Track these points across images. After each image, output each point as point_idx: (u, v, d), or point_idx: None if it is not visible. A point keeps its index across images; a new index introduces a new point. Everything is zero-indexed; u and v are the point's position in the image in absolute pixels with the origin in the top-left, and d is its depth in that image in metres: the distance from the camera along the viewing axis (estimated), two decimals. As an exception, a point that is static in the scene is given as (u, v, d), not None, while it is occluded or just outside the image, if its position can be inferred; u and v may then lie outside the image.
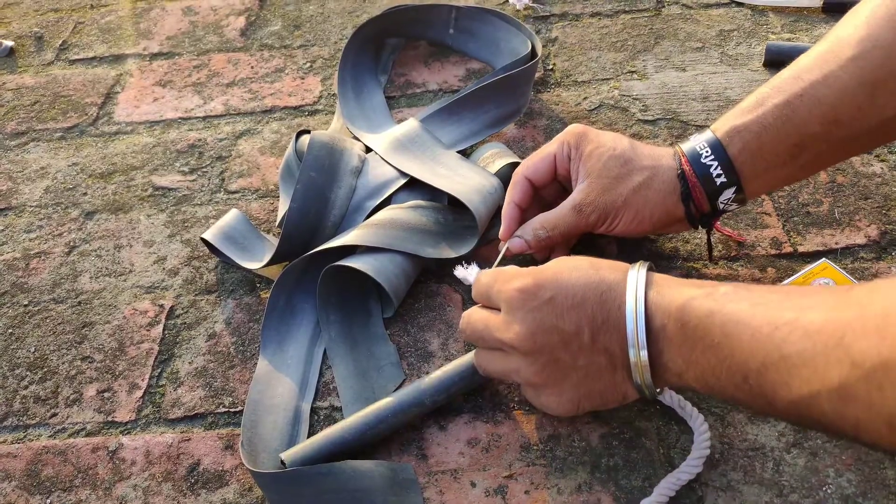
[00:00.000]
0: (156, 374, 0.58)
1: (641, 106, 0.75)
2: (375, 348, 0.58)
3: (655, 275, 0.46)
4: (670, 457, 0.50)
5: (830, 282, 0.56)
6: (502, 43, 0.81)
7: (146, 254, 0.68)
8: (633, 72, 0.79)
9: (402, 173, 0.67)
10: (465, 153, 0.71)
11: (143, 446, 0.54)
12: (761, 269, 0.60)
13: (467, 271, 0.58)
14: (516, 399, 0.54)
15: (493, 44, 0.82)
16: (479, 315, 0.50)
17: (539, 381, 0.48)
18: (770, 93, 0.52)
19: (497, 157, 0.67)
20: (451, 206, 0.65)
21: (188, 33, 0.93)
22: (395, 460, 0.51)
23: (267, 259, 0.62)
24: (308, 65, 0.86)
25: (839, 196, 0.65)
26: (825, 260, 0.58)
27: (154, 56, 0.90)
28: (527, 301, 0.46)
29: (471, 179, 0.65)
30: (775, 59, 0.76)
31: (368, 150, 0.71)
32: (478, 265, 0.57)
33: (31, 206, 0.74)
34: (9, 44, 0.94)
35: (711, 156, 0.53)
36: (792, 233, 0.62)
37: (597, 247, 0.63)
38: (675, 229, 0.58)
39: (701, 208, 0.54)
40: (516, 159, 0.66)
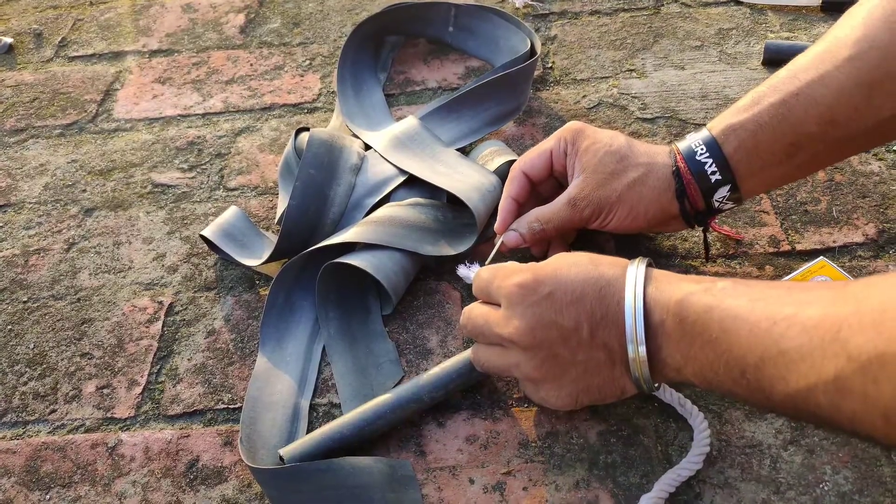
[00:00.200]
0: (155, 370, 0.59)
1: (640, 104, 0.75)
2: (374, 345, 0.58)
3: (654, 270, 0.46)
4: (668, 454, 0.50)
5: (828, 280, 0.56)
6: (501, 41, 0.81)
7: (145, 251, 0.68)
8: (632, 70, 0.79)
9: (402, 171, 0.67)
10: (465, 151, 0.71)
11: (142, 442, 0.54)
12: (759, 267, 0.60)
13: (469, 270, 0.58)
14: (515, 396, 0.54)
15: (493, 42, 0.82)
16: (479, 310, 0.50)
17: (538, 376, 0.48)
18: (766, 92, 0.52)
19: (496, 155, 0.67)
20: (450, 203, 0.65)
21: (187, 30, 0.93)
22: (393, 457, 0.51)
23: (266, 256, 0.62)
24: (307, 62, 0.86)
25: (837, 194, 0.65)
26: (823, 258, 0.58)
27: (153, 53, 0.90)
28: (526, 296, 0.47)
29: (470, 177, 0.65)
30: (774, 57, 0.76)
31: (368, 147, 0.71)
32: (480, 264, 0.58)
33: (30, 202, 0.74)
34: (8, 40, 0.93)
35: (706, 153, 0.53)
36: (790, 231, 0.62)
37: (595, 244, 0.63)
38: (671, 227, 0.58)
39: (696, 206, 0.55)
40: (515, 157, 0.66)
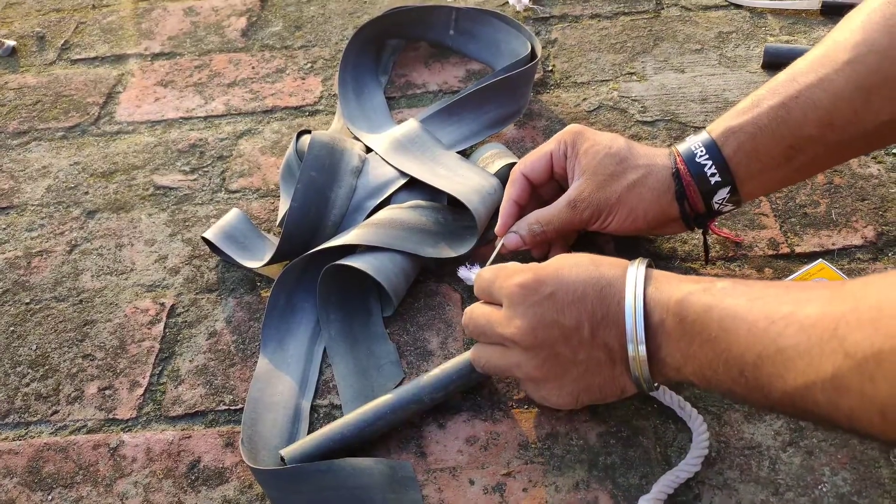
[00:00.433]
0: (157, 371, 0.59)
1: (640, 107, 0.76)
2: (375, 347, 0.58)
3: (654, 271, 0.46)
4: (667, 455, 0.50)
5: (826, 282, 0.56)
6: (502, 44, 0.81)
7: (147, 252, 0.68)
8: (632, 73, 0.80)
9: (402, 173, 0.67)
10: (465, 154, 0.71)
11: (143, 443, 0.54)
12: (758, 269, 0.60)
13: (470, 272, 0.58)
14: (515, 398, 0.54)
15: (493, 45, 0.82)
16: (480, 310, 0.51)
17: (539, 376, 0.48)
18: (765, 95, 0.52)
19: (496, 158, 0.67)
20: (450, 206, 0.65)
21: (189, 33, 0.94)
22: (394, 458, 0.52)
23: (267, 258, 0.62)
24: (309, 65, 0.87)
25: (836, 197, 0.65)
26: (822, 261, 0.58)
27: (155, 56, 0.91)
28: (528, 296, 0.47)
29: (470, 180, 0.65)
30: (774, 61, 0.77)
31: (369, 150, 0.71)
32: (480, 266, 0.58)
33: (32, 204, 0.74)
34: (11, 43, 0.94)
35: (706, 155, 0.53)
36: (789, 233, 0.63)
37: (595, 246, 0.63)
38: (671, 230, 0.59)
39: (696, 208, 0.55)
40: (516, 160, 0.67)
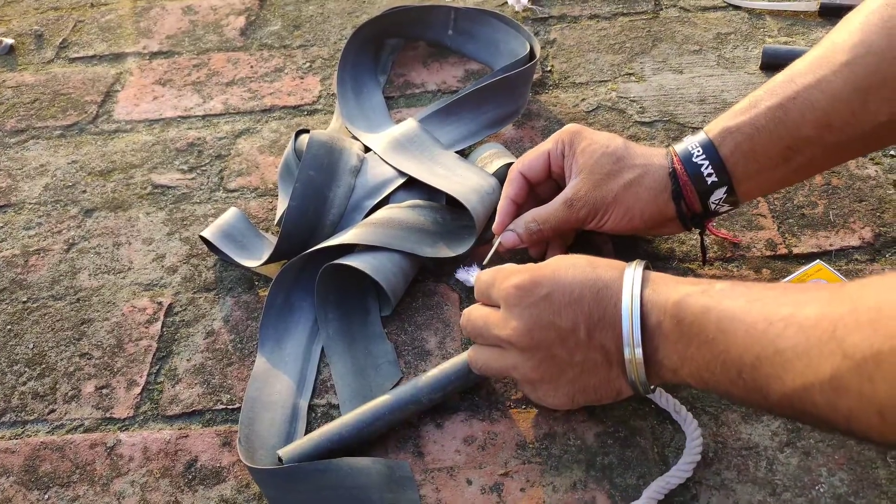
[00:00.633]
0: (154, 370, 0.59)
1: (639, 108, 0.76)
2: (373, 346, 0.58)
3: (652, 273, 0.46)
4: (664, 455, 0.50)
5: (824, 283, 0.56)
6: (501, 44, 0.81)
7: (145, 251, 0.68)
8: (630, 74, 0.80)
9: (401, 173, 0.67)
10: (464, 153, 0.71)
11: (140, 442, 0.54)
12: (756, 270, 0.60)
13: (468, 273, 0.58)
14: (512, 398, 0.54)
15: (492, 45, 0.82)
16: (478, 312, 0.51)
17: (536, 377, 0.48)
18: (763, 95, 0.52)
19: (495, 158, 0.67)
20: (449, 205, 0.65)
21: (188, 32, 0.94)
22: (391, 457, 0.52)
23: (265, 257, 0.62)
24: (307, 65, 0.86)
25: (834, 198, 0.65)
26: (819, 261, 0.58)
27: (154, 55, 0.91)
28: (524, 297, 0.47)
29: (469, 179, 0.65)
30: (772, 62, 0.77)
31: (367, 149, 0.71)
32: (479, 266, 0.58)
33: (30, 203, 0.74)
34: (9, 41, 0.94)
35: (703, 155, 0.53)
36: (787, 234, 0.63)
37: (593, 246, 0.63)
38: (668, 230, 0.59)
39: (692, 207, 0.55)
40: (514, 159, 0.67)
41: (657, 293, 0.44)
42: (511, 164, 0.66)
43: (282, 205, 0.68)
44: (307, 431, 0.54)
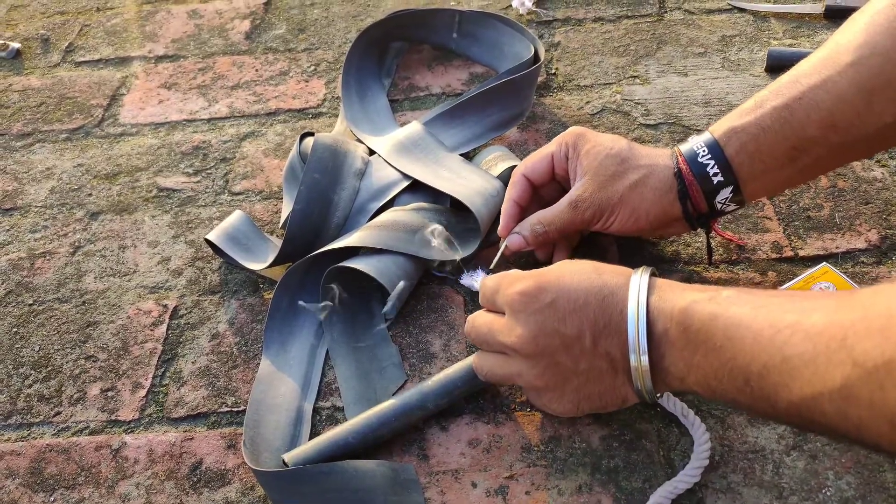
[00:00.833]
0: (159, 373, 0.59)
1: (643, 110, 0.75)
2: (377, 349, 0.58)
3: (658, 279, 0.46)
4: (670, 458, 0.50)
5: (831, 286, 0.56)
6: (505, 47, 0.81)
7: (150, 254, 0.68)
8: (635, 76, 0.80)
9: (405, 176, 0.67)
10: (468, 156, 0.71)
11: (146, 445, 0.54)
12: (762, 272, 0.60)
13: (473, 278, 0.58)
14: (517, 400, 0.54)
15: (497, 48, 0.82)
16: (483, 319, 0.51)
17: (541, 384, 0.48)
18: (769, 96, 0.52)
19: (499, 161, 0.67)
20: (453, 208, 0.65)
21: (193, 36, 0.94)
22: (396, 460, 0.52)
23: (270, 260, 0.62)
24: (312, 68, 0.87)
25: (840, 201, 0.65)
26: (826, 264, 0.58)
27: (159, 59, 0.91)
28: (528, 304, 0.47)
29: (473, 182, 0.65)
30: (777, 64, 0.77)
31: (372, 152, 0.71)
32: (484, 271, 0.58)
33: (36, 206, 0.74)
34: (16, 46, 0.94)
35: (708, 155, 0.53)
36: (793, 237, 0.63)
37: (599, 247, 0.63)
38: (674, 230, 0.58)
39: (698, 207, 0.55)
40: (518, 162, 0.67)
41: (663, 300, 0.44)
42: (515, 167, 0.66)
43: (286, 208, 0.68)
44: (312, 434, 0.54)
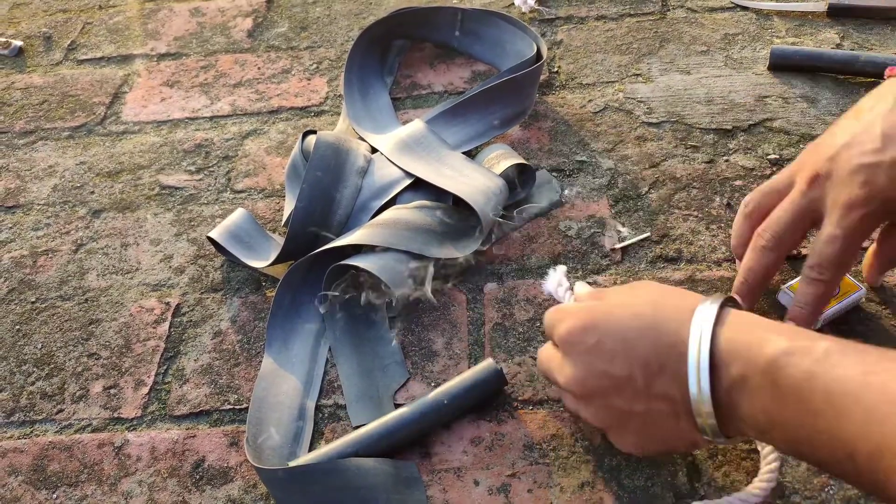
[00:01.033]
0: (162, 371, 0.59)
1: (646, 108, 0.75)
2: (380, 347, 0.58)
3: (730, 314, 0.41)
4: (673, 456, 0.50)
5: None
6: (508, 45, 0.81)
7: (153, 252, 0.68)
8: (637, 75, 0.80)
9: (408, 174, 0.67)
10: (471, 154, 0.71)
11: (148, 442, 0.54)
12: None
13: (558, 286, 0.55)
14: (520, 398, 0.54)
15: (499, 46, 0.82)
16: (545, 353, 0.49)
17: (598, 424, 0.47)
18: None
19: (502, 159, 0.67)
20: (455, 206, 0.65)
21: (196, 34, 0.94)
22: (398, 458, 0.52)
23: (273, 258, 0.62)
24: (314, 66, 0.87)
25: (843, 199, 0.65)
26: None
27: (162, 56, 0.91)
28: (575, 345, 0.45)
29: (476, 180, 0.65)
30: (780, 62, 0.77)
31: (374, 150, 0.71)
32: (568, 278, 0.55)
33: (38, 204, 0.74)
34: (18, 44, 0.94)
35: None
36: (795, 235, 0.62)
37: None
38: None
39: None
40: (521, 160, 0.67)
41: (740, 341, 0.39)
42: (518, 165, 0.66)
43: (289, 205, 0.68)
44: (314, 432, 0.54)
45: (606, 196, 0.67)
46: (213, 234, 0.65)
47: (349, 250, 0.61)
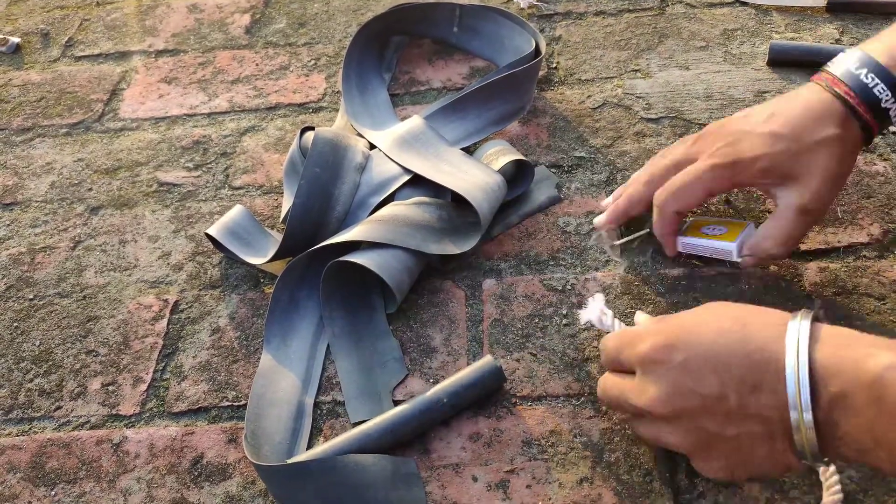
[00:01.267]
0: (160, 367, 0.59)
1: (645, 104, 0.75)
2: (379, 344, 0.58)
3: (823, 328, 0.40)
4: (670, 452, 0.50)
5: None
6: (506, 41, 0.81)
7: (151, 249, 0.68)
8: (636, 70, 0.79)
9: (406, 170, 0.67)
10: (469, 150, 0.71)
11: (146, 439, 0.54)
12: (763, 266, 0.60)
13: (602, 314, 0.53)
14: (518, 395, 0.54)
15: (497, 42, 0.82)
16: (611, 381, 0.47)
17: (684, 448, 0.44)
18: None
19: (500, 155, 0.67)
20: (454, 202, 0.65)
21: (193, 30, 0.94)
22: (397, 454, 0.52)
23: (271, 254, 0.62)
24: (312, 62, 0.86)
25: (842, 194, 0.65)
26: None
27: (159, 53, 0.91)
28: (660, 363, 0.42)
29: (474, 176, 0.65)
30: (779, 58, 0.76)
31: (372, 146, 0.71)
32: (606, 306, 0.53)
33: (36, 201, 0.74)
34: (15, 40, 0.94)
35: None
36: (794, 231, 0.62)
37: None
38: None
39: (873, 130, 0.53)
40: (519, 156, 0.67)
41: (838, 356, 0.38)
42: (516, 161, 0.66)
43: (287, 202, 0.68)
44: (312, 428, 0.54)
45: (605, 192, 0.67)
46: (212, 231, 0.65)
47: (347, 247, 0.61)
